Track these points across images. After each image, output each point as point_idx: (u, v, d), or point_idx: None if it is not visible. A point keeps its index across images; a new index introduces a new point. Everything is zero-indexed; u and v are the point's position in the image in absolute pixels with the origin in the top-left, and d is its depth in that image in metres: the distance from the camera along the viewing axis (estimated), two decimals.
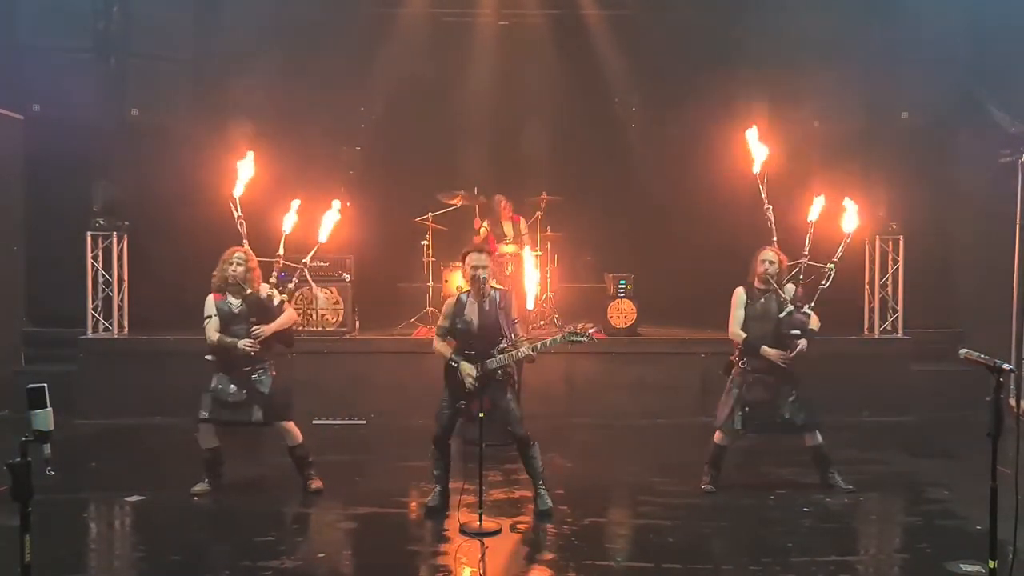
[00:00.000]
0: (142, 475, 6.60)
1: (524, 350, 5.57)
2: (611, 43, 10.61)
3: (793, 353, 5.88)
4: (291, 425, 6.12)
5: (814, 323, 5.94)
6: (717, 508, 5.85)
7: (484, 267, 5.60)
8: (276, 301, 6.04)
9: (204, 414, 5.96)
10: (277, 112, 9.99)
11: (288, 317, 6.17)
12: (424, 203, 9.72)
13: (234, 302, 5.99)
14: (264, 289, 6.03)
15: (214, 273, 6.06)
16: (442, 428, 5.70)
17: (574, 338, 5.59)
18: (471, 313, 5.62)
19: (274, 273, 6.19)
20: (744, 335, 5.99)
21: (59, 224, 9.32)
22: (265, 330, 5.96)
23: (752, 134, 6.22)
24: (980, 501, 3.74)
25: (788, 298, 5.96)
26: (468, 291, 5.73)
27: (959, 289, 9.66)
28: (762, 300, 6.02)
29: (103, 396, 8.50)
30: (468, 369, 5.52)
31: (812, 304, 5.95)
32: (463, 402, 5.51)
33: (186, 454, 7.28)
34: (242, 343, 5.88)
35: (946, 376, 8.66)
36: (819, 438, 6.11)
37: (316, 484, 6.13)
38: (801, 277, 6.02)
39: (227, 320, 5.96)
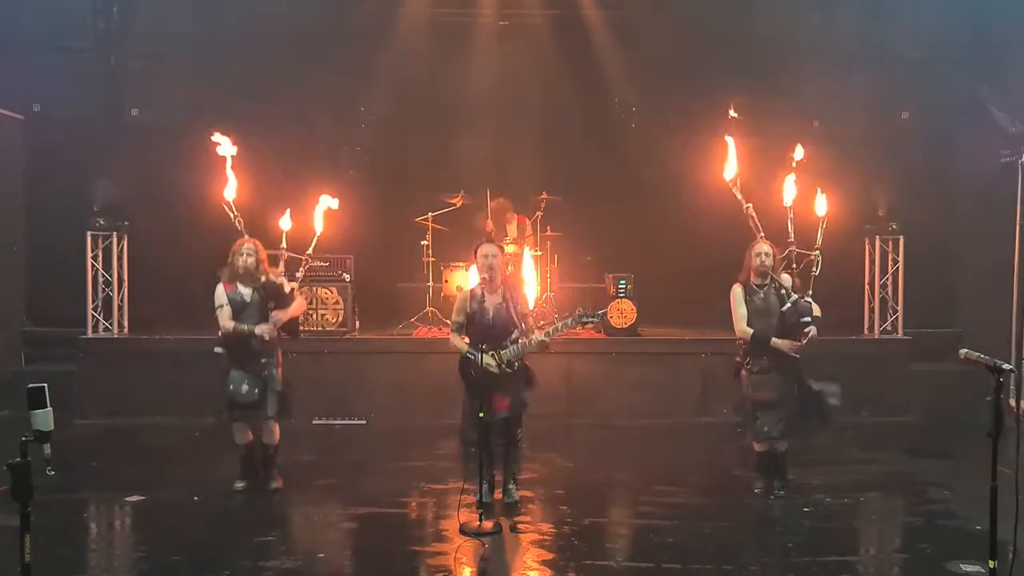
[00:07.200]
0: (142, 475, 6.59)
1: (538, 337, 5.65)
2: (611, 43, 10.60)
3: (804, 341, 5.82)
4: (276, 426, 6.16)
5: (816, 310, 5.90)
6: (717, 508, 5.85)
7: (495, 256, 5.68)
8: (287, 289, 6.09)
9: (227, 415, 6.04)
10: (277, 112, 9.99)
11: (299, 305, 6.28)
12: (424, 203, 9.71)
13: (245, 291, 5.97)
14: (275, 276, 6.08)
15: (227, 265, 6.01)
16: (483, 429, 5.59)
17: (585, 319, 5.67)
18: (490, 304, 5.67)
19: (281, 263, 6.25)
20: (751, 331, 5.91)
21: (59, 224, 9.29)
22: (283, 315, 6.02)
23: (730, 143, 6.14)
24: (980, 501, 3.74)
25: (788, 288, 5.92)
26: (481, 286, 5.76)
27: (959, 289, 9.65)
28: (761, 294, 5.96)
29: (103, 396, 8.49)
30: (488, 360, 5.56)
31: (811, 292, 5.91)
32: (482, 397, 5.46)
33: (186, 454, 7.32)
34: (259, 328, 5.88)
35: (946, 376, 8.65)
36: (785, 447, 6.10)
37: (278, 483, 6.17)
38: (795, 266, 5.99)
39: (238, 309, 5.94)
